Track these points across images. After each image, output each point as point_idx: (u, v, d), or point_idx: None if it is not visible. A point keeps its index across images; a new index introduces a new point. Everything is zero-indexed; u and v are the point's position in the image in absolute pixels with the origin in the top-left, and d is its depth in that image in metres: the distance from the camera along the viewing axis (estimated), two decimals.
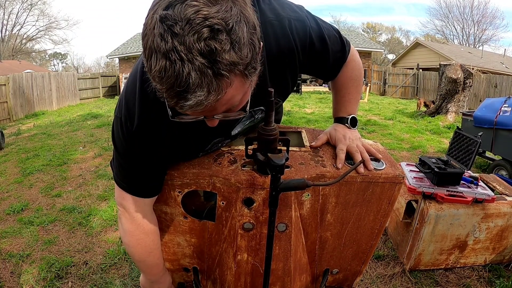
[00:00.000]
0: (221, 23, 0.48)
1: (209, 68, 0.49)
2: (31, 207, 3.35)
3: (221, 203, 0.89)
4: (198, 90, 0.51)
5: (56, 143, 6.15)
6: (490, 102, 4.38)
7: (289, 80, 0.90)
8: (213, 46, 0.48)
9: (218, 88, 0.52)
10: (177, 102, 0.53)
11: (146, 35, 0.51)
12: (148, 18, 0.51)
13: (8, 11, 26.50)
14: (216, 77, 0.51)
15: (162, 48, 0.48)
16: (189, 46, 0.48)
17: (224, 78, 0.51)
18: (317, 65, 0.95)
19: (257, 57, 0.57)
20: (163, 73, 0.50)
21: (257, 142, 0.80)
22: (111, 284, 2.11)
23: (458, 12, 31.82)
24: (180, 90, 0.51)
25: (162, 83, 0.51)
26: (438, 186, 2.13)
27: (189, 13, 0.47)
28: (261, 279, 0.88)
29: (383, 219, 0.97)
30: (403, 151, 5.46)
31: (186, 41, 0.48)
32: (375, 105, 11.13)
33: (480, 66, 15.62)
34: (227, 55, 0.50)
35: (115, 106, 0.83)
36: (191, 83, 0.50)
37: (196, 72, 0.49)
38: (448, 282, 2.13)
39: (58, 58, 41.13)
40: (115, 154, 0.87)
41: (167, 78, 0.50)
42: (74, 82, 14.02)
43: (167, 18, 0.48)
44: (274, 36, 0.78)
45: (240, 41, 0.51)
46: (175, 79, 0.49)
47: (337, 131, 0.99)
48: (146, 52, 0.51)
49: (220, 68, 0.50)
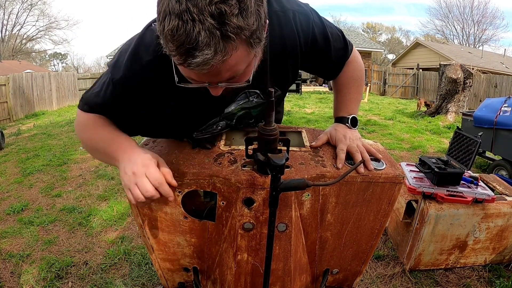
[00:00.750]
0: None
1: (217, 29, 0.54)
2: (31, 207, 3.35)
3: (221, 203, 0.89)
4: (206, 48, 0.55)
5: (56, 143, 6.15)
6: (490, 102, 4.38)
7: (289, 70, 0.92)
8: (223, 9, 0.53)
9: (224, 49, 0.56)
10: (186, 60, 0.57)
11: (162, 2, 0.56)
12: None
13: (8, 11, 26.52)
14: (223, 38, 0.55)
15: (176, 10, 0.53)
16: (201, 8, 0.52)
17: (230, 40, 0.56)
18: (319, 62, 0.97)
19: (263, 29, 0.61)
20: (175, 31, 0.54)
21: (257, 142, 0.80)
22: (111, 284, 2.11)
23: (458, 12, 31.86)
24: (189, 47, 0.55)
25: (173, 41, 0.55)
26: (438, 186, 2.13)
27: None
28: (261, 279, 0.88)
29: (383, 219, 0.97)
30: (403, 151, 5.46)
31: (198, 3, 0.52)
32: (375, 105, 11.14)
33: (480, 66, 15.62)
34: (235, 19, 0.54)
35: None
36: (200, 41, 0.54)
37: (205, 32, 0.53)
38: (448, 282, 2.13)
39: (58, 58, 41.16)
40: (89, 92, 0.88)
41: (178, 36, 0.54)
42: (74, 82, 14.02)
43: None
44: (278, 26, 0.81)
45: (247, 9, 0.55)
46: (186, 37, 0.54)
47: (337, 131, 0.99)
48: (161, 15, 0.56)
49: (228, 30, 0.54)
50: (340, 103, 1.09)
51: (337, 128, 1.01)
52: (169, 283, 1.12)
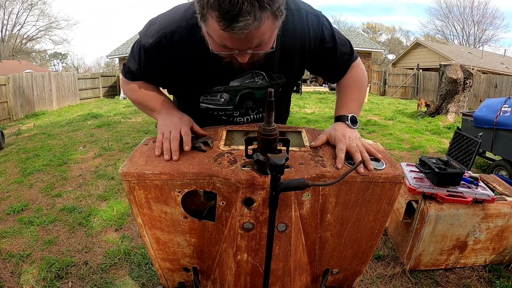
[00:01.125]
0: None
1: (256, 0, 0.68)
2: (31, 207, 3.35)
3: (221, 203, 0.89)
4: (247, 15, 0.68)
5: (56, 143, 6.16)
6: (490, 102, 4.38)
7: (296, 63, 1.04)
8: None
9: (260, 17, 0.70)
10: (230, 24, 0.70)
11: None
12: None
13: (8, 11, 26.54)
14: (260, 8, 0.69)
15: None
16: None
17: (265, 10, 0.70)
18: (325, 62, 1.07)
19: (283, 6, 0.76)
20: (222, 2, 0.67)
21: (257, 142, 0.80)
22: (111, 284, 2.11)
23: (458, 12, 31.86)
24: (234, 14, 0.68)
25: (220, 9, 0.68)
26: (438, 186, 2.13)
27: None
28: (261, 279, 0.88)
29: (383, 219, 0.97)
30: (403, 151, 5.46)
31: None
32: (375, 105, 11.14)
33: (480, 66, 15.62)
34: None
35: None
36: (244, 9, 0.68)
37: (247, 2, 0.67)
38: (448, 283, 2.13)
39: (58, 58, 41.17)
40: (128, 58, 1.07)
41: (224, 5, 0.67)
42: (74, 82, 14.02)
43: None
44: (291, 22, 0.93)
45: None
46: (231, 6, 0.67)
47: (337, 131, 0.99)
48: None
49: (264, 1, 0.69)
50: (341, 103, 1.11)
51: (337, 127, 1.01)
52: (169, 283, 1.12)
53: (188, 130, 0.95)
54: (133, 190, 0.88)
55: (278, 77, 1.06)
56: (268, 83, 1.06)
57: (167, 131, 0.93)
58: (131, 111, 9.97)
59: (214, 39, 0.78)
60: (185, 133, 0.93)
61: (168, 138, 0.92)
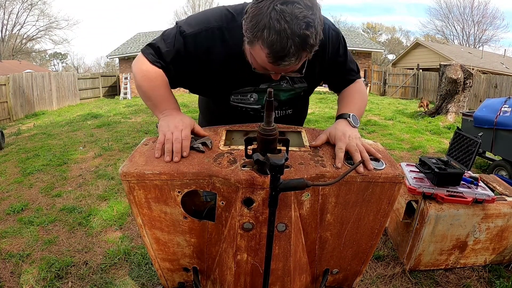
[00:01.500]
0: (312, 21, 0.79)
1: (302, 45, 0.80)
2: (31, 207, 3.35)
3: (221, 203, 0.89)
4: (292, 56, 0.81)
5: (56, 143, 6.16)
6: (490, 102, 4.38)
7: (316, 70, 1.14)
8: (306, 33, 0.79)
9: (301, 58, 0.84)
10: (276, 61, 0.82)
11: (262, 15, 0.78)
12: (266, 5, 0.78)
13: (8, 11, 26.54)
14: (303, 51, 0.82)
15: (276, 27, 0.77)
16: (293, 31, 0.77)
17: (305, 53, 0.83)
18: (334, 72, 1.19)
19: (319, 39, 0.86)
20: (274, 42, 0.78)
21: (256, 142, 0.80)
22: (111, 284, 2.11)
23: (458, 12, 31.84)
24: (282, 55, 0.80)
25: (271, 48, 0.80)
26: (438, 186, 2.13)
27: (297, 12, 0.77)
28: (261, 279, 0.88)
29: (383, 219, 0.97)
30: (403, 151, 5.46)
31: (292, 27, 0.77)
32: (375, 105, 11.13)
33: (480, 66, 15.62)
34: (311, 40, 0.80)
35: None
36: (290, 52, 0.80)
37: (295, 46, 0.79)
38: (448, 283, 2.13)
39: (58, 58, 41.17)
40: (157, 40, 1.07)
41: (276, 47, 0.79)
42: (74, 82, 14.03)
43: (283, 11, 0.76)
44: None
45: (318, 35, 0.82)
46: (281, 48, 0.79)
47: (337, 129, 0.99)
48: (259, 25, 0.79)
49: (307, 46, 0.81)
50: (342, 104, 1.16)
51: (337, 126, 1.01)
52: (169, 283, 1.12)
53: (189, 133, 0.95)
54: (133, 190, 0.88)
55: (300, 81, 1.17)
56: (291, 86, 1.17)
57: (168, 133, 0.94)
58: (131, 111, 9.97)
59: (257, 60, 0.89)
60: (185, 136, 0.93)
61: (170, 140, 0.92)
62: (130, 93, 15.18)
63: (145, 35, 18.93)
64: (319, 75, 1.18)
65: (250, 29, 0.82)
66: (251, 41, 0.84)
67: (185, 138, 0.93)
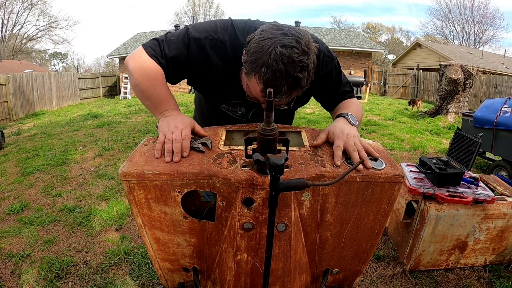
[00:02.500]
0: (306, 66, 0.86)
1: (293, 85, 0.87)
2: (31, 207, 3.35)
3: (221, 203, 0.89)
4: (284, 95, 0.88)
5: (56, 143, 6.16)
6: (490, 102, 4.38)
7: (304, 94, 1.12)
8: (300, 76, 0.85)
9: (291, 95, 0.90)
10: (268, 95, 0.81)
11: (263, 53, 0.85)
12: (268, 45, 0.84)
13: (8, 11, 26.54)
14: (293, 90, 0.89)
15: (273, 67, 0.83)
16: (288, 73, 0.84)
17: (296, 91, 0.90)
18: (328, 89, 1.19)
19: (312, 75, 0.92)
20: (269, 80, 0.85)
21: (256, 142, 0.80)
22: (111, 284, 2.11)
23: (458, 12, 31.82)
24: (276, 91, 0.85)
25: (265, 84, 0.86)
26: (438, 186, 2.13)
27: (294, 56, 0.83)
28: (260, 279, 0.88)
29: (383, 219, 0.97)
30: (403, 152, 5.46)
31: (287, 69, 0.84)
32: (375, 106, 11.14)
33: (480, 66, 15.62)
34: (303, 82, 0.87)
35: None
36: (283, 91, 0.87)
37: (287, 86, 0.86)
38: (448, 283, 2.13)
39: (58, 58, 41.18)
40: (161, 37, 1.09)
41: (270, 84, 0.85)
42: (74, 82, 14.03)
43: (282, 54, 0.83)
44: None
45: (310, 76, 0.89)
46: (275, 86, 0.85)
47: (335, 127, 1.00)
48: (259, 61, 0.85)
49: (298, 87, 0.88)
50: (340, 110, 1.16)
51: (336, 123, 1.02)
52: (169, 283, 1.12)
53: (189, 133, 0.95)
54: (133, 190, 0.88)
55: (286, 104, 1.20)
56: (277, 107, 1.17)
57: (169, 133, 0.94)
58: (131, 111, 9.97)
59: (251, 90, 0.95)
60: (185, 136, 0.93)
61: (170, 139, 0.92)
62: (130, 93, 15.18)
63: (145, 35, 18.93)
64: (307, 96, 1.19)
65: (250, 62, 0.88)
66: (249, 73, 0.90)
67: (185, 138, 0.93)
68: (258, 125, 0.79)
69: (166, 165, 0.88)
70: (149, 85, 1.04)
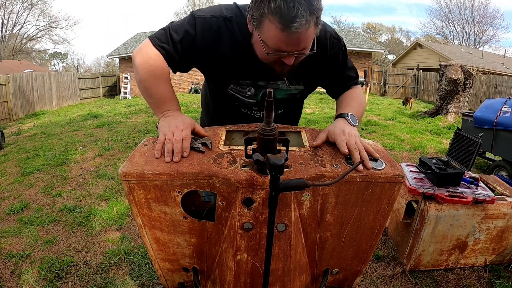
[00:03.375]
0: None
1: (307, 7, 0.85)
2: (31, 207, 3.35)
3: (221, 203, 0.89)
4: (301, 17, 0.84)
5: (56, 143, 6.16)
6: (490, 102, 4.38)
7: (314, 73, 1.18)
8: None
9: (309, 21, 0.87)
10: (289, 25, 0.85)
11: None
12: None
13: (8, 11, 26.56)
14: (310, 14, 0.86)
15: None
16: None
17: (313, 16, 0.87)
18: (332, 75, 1.20)
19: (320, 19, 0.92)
20: (281, 7, 0.84)
21: (256, 142, 0.80)
22: (111, 284, 2.11)
23: (458, 12, 31.83)
24: (292, 16, 0.84)
25: (281, 14, 0.84)
26: (438, 186, 2.13)
27: None
28: (260, 279, 0.88)
29: (383, 219, 0.97)
30: (403, 152, 5.46)
31: None
32: (375, 106, 11.13)
33: (480, 66, 15.62)
34: (315, 2, 0.86)
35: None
36: (299, 13, 0.84)
37: (302, 8, 0.84)
38: (448, 283, 2.13)
39: (59, 58, 41.18)
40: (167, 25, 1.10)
41: (284, 10, 0.84)
42: (74, 82, 14.03)
43: None
44: (317, 39, 1.03)
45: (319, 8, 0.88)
46: (288, 11, 0.84)
47: (336, 127, 1.00)
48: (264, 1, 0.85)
49: (312, 9, 0.86)
50: (341, 107, 1.16)
51: (336, 124, 1.02)
52: (169, 283, 1.12)
53: (189, 133, 0.95)
54: (133, 191, 0.88)
55: (297, 83, 1.20)
56: (287, 86, 1.19)
57: (169, 133, 0.94)
58: (131, 111, 9.97)
59: (268, 43, 0.92)
60: (185, 136, 0.93)
61: (170, 139, 0.92)
62: (130, 93, 15.17)
63: (145, 35, 18.91)
64: (317, 78, 1.20)
65: (255, 8, 0.88)
66: (259, 21, 0.90)
67: (186, 138, 0.93)
68: (258, 125, 0.79)
69: (166, 165, 0.88)
70: (153, 83, 1.05)
